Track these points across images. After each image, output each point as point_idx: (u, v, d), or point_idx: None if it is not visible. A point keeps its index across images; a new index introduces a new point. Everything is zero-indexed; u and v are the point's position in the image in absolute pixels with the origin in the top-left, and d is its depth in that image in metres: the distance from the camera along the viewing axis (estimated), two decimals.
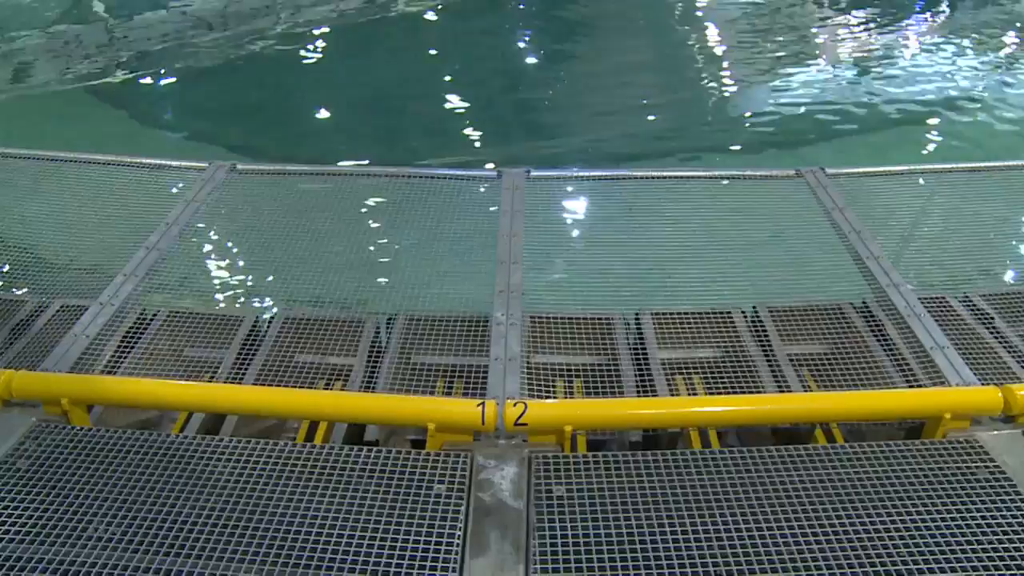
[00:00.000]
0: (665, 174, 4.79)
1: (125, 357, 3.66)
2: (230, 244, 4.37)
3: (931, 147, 9.64)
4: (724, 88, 11.67)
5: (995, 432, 3.15)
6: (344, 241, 4.36)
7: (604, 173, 4.81)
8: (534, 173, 4.68)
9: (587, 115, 10.67)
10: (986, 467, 2.95)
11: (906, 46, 13.52)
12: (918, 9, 16.03)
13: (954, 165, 4.95)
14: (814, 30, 14.39)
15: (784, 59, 12.72)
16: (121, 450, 2.99)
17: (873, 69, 12.21)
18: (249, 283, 4.13)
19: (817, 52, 13.23)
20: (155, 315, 3.97)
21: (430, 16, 14.09)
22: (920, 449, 3.02)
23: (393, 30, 13.52)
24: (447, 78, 11.64)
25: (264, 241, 4.40)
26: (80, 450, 3.00)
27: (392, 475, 2.89)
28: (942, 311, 3.86)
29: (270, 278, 4.18)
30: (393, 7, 14.05)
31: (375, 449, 2.99)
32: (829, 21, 14.86)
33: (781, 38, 13.81)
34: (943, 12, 15.49)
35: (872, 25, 14.59)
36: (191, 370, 3.82)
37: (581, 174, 4.77)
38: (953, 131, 10.01)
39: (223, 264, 4.26)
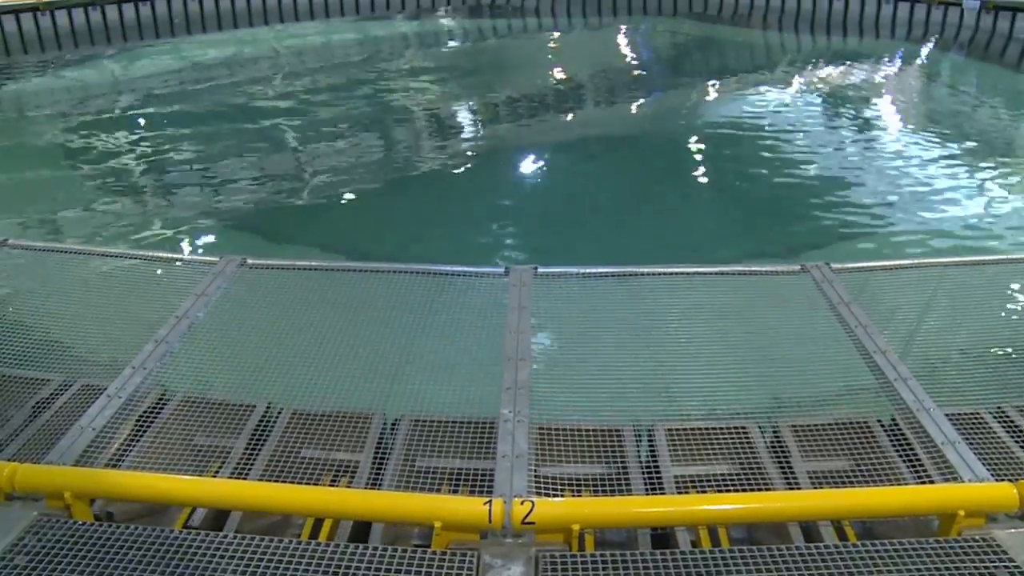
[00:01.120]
0: (671, 270, 4.83)
1: (130, 451, 3.64)
2: (238, 338, 4.40)
3: (935, 241, 9.72)
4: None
5: (1012, 530, 3.09)
6: (351, 336, 4.38)
7: (610, 270, 4.84)
8: (541, 270, 4.73)
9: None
10: (1005, 567, 2.88)
11: (904, 141, 13.81)
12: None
13: (958, 259, 4.98)
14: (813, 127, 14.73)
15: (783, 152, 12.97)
16: (123, 546, 2.95)
17: (875, 164, 12.44)
18: (256, 377, 4.14)
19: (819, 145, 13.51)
20: (162, 408, 3.96)
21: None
22: (935, 548, 2.95)
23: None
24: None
25: (272, 335, 4.43)
26: (81, 546, 2.95)
27: (398, 574, 2.83)
28: (952, 405, 3.82)
29: (277, 373, 4.19)
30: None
31: (381, 547, 2.95)
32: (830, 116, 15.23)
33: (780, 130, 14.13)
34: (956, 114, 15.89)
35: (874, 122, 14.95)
36: (196, 464, 3.78)
37: (588, 271, 4.81)
38: (955, 226, 10.13)
39: (230, 358, 4.28)
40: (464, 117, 16.00)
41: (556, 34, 25.51)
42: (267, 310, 4.62)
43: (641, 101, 17.58)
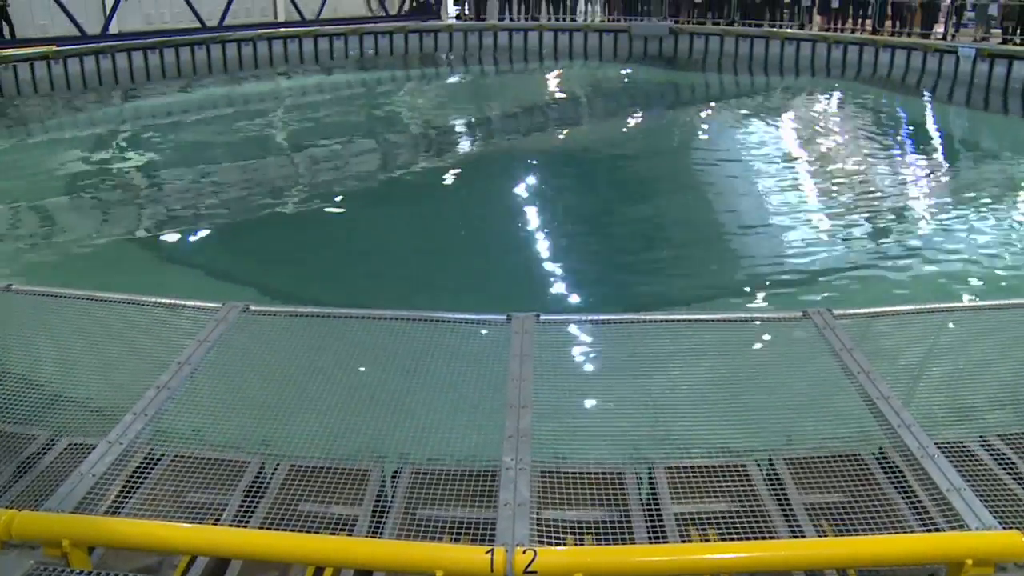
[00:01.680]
0: (673, 317, 4.82)
1: (130, 498, 3.62)
2: (240, 385, 4.39)
3: (936, 286, 9.75)
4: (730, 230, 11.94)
5: None
6: (352, 384, 4.36)
7: (613, 317, 4.84)
8: (544, 317, 4.72)
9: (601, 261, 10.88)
10: None
11: (912, 191, 13.93)
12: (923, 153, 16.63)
13: (961, 304, 4.98)
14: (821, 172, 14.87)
15: (789, 201, 13.07)
16: None
17: (880, 212, 12.53)
18: (257, 425, 4.12)
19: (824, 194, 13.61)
20: (162, 456, 3.94)
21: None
22: None
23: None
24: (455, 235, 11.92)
25: (274, 383, 4.41)
26: None
27: None
28: (957, 452, 3.80)
29: (278, 421, 4.17)
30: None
31: None
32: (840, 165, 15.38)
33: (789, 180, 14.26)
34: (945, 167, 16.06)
35: (883, 168, 15.08)
36: (195, 514, 3.75)
37: (590, 318, 4.80)
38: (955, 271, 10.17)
39: (232, 405, 4.26)
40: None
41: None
42: (269, 357, 4.61)
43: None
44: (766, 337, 4.78)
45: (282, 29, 28.26)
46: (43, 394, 4.34)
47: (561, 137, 19.22)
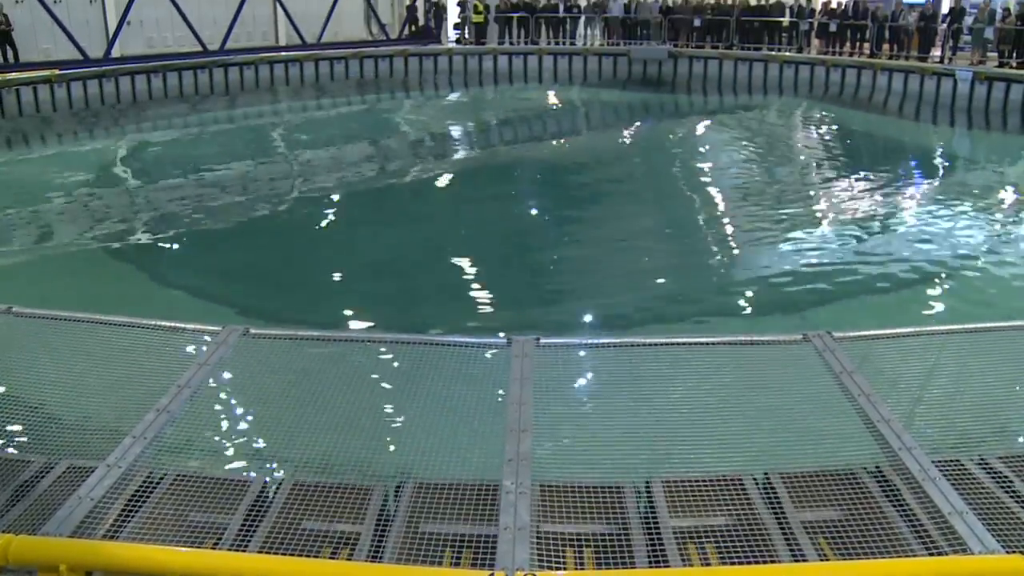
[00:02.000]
0: (673, 341, 4.83)
1: (129, 521, 3.60)
2: (241, 408, 4.39)
3: (936, 308, 9.76)
4: (729, 251, 11.97)
5: None
6: (354, 407, 4.36)
7: (613, 341, 4.84)
8: (544, 340, 4.71)
9: (598, 279, 10.89)
10: None
11: (905, 208, 13.97)
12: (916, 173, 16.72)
13: (960, 326, 4.98)
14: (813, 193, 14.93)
15: (785, 222, 13.11)
16: None
17: (874, 231, 12.57)
18: (258, 447, 4.13)
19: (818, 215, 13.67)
20: (162, 478, 3.93)
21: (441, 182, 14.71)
22: None
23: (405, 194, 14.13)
24: (456, 242, 12.00)
25: (274, 405, 4.42)
26: None
27: None
28: (958, 475, 3.79)
29: (279, 443, 4.17)
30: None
31: None
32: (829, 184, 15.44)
33: (782, 201, 14.31)
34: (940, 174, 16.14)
35: (871, 187, 15.14)
36: (195, 535, 3.74)
37: (590, 342, 4.81)
38: (957, 291, 10.18)
39: (233, 428, 4.26)
40: None
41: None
42: (269, 379, 4.61)
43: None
44: (766, 360, 4.77)
45: (283, 53, 28.44)
46: (42, 417, 4.33)
47: (554, 151, 19.39)
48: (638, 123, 23.25)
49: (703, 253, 11.94)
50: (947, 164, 18.73)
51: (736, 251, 12.13)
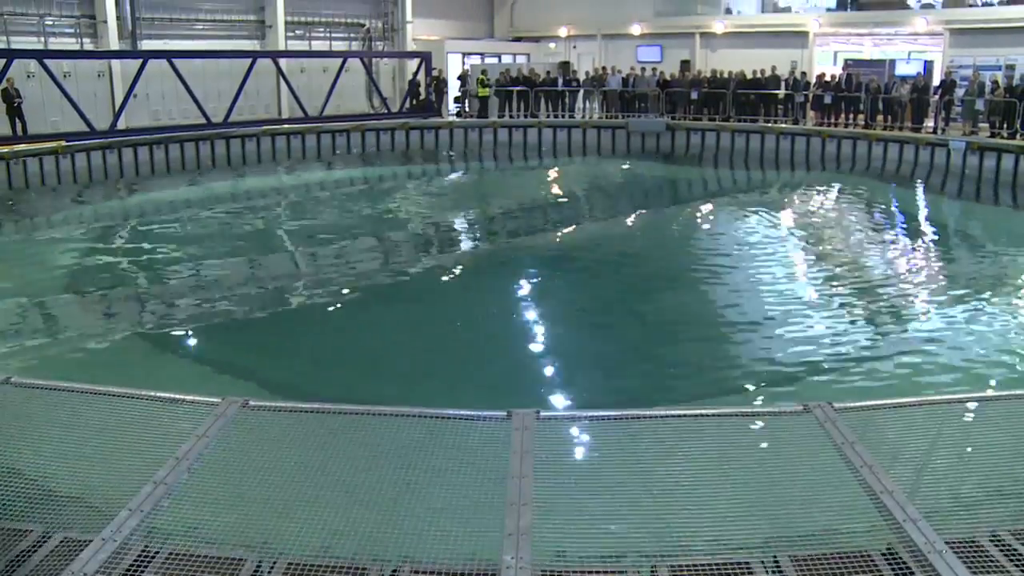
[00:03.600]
0: (674, 413, 4.82)
1: None
2: (238, 482, 4.34)
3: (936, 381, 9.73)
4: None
5: None
6: (352, 481, 4.33)
7: (613, 414, 4.82)
8: (544, 414, 4.69)
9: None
10: None
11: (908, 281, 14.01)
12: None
13: (963, 395, 4.97)
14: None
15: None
16: None
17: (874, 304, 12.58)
18: (255, 523, 4.06)
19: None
20: (156, 554, 3.87)
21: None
22: None
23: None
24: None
25: (272, 479, 4.37)
26: None
27: None
28: (967, 548, 3.74)
29: (275, 519, 4.12)
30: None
31: None
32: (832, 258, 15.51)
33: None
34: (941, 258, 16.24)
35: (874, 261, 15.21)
36: None
37: (591, 415, 4.79)
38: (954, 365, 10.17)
39: (229, 502, 4.21)
40: None
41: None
42: (268, 452, 4.58)
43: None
44: (767, 432, 4.75)
45: (285, 125, 28.87)
46: (38, 488, 4.30)
47: (560, 233, 19.45)
48: (639, 206, 23.24)
49: (706, 330, 11.95)
50: (947, 236, 18.89)
51: (739, 325, 12.13)
